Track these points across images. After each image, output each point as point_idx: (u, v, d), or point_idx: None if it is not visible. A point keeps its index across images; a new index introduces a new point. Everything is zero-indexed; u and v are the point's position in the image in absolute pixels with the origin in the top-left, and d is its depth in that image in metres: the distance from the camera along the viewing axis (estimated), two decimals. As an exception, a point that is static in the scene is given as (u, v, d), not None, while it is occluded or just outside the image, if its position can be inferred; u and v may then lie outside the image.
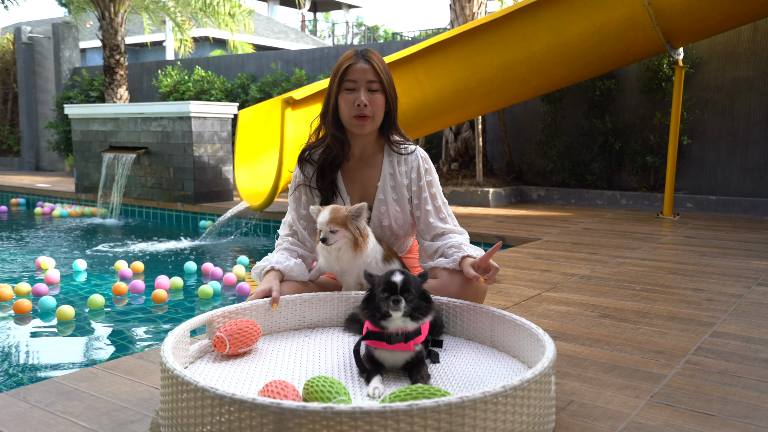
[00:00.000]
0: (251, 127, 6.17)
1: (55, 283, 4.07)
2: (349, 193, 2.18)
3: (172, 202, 6.90)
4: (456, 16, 7.00)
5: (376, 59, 2.09)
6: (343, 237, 1.97)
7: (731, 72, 6.22)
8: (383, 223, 2.15)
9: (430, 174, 2.15)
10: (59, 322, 3.30)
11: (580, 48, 5.16)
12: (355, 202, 2.17)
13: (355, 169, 2.19)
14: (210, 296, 3.76)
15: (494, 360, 1.82)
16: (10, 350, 2.92)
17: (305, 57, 9.25)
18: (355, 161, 2.19)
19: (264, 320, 1.99)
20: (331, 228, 1.95)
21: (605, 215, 5.81)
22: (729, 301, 2.80)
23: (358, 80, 2.07)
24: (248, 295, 2.22)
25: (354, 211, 1.97)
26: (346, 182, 2.19)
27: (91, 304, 3.51)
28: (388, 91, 2.10)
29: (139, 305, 3.68)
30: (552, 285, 3.10)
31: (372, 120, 2.09)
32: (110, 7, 9.84)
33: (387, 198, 2.14)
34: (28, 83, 12.51)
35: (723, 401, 1.71)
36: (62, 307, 3.32)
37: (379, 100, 2.08)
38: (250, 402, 1.22)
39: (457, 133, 7.19)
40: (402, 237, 2.20)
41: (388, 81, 2.11)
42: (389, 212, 2.14)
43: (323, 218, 1.97)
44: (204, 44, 19.26)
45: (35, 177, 10.46)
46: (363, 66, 2.07)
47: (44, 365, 2.73)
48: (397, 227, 2.15)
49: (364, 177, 2.18)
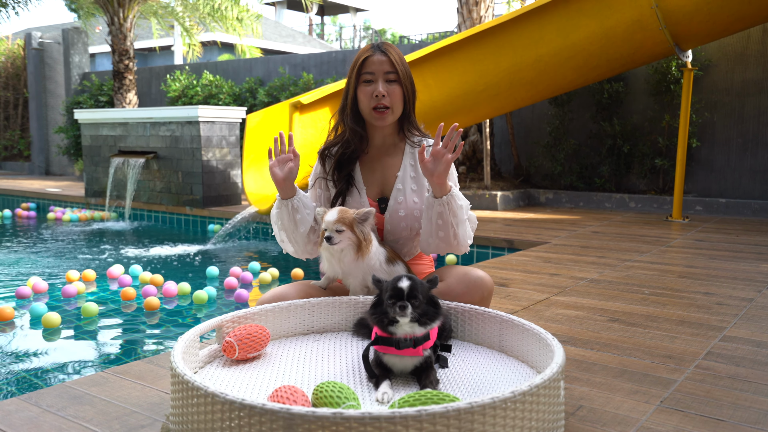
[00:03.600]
0: (259, 132, 6.20)
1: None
2: (366, 183, 2.18)
3: (181, 206, 6.93)
4: (463, 19, 7.01)
5: (393, 51, 2.11)
6: (348, 239, 1.97)
7: (740, 74, 6.19)
8: (399, 214, 2.13)
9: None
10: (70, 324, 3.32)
11: (588, 51, 5.15)
12: (373, 191, 2.18)
13: (375, 159, 2.20)
14: (205, 301, 3.76)
15: (503, 365, 1.81)
16: (23, 355, 2.94)
17: (313, 61, 9.28)
18: (375, 152, 2.20)
19: (273, 325, 2.00)
20: (337, 227, 1.95)
21: (614, 218, 5.79)
22: (739, 305, 2.79)
23: (375, 72, 2.09)
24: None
25: (362, 214, 1.97)
26: (364, 172, 2.20)
27: (85, 312, 3.46)
28: (404, 83, 2.11)
29: (150, 310, 3.69)
30: (560, 289, 3.09)
31: (392, 111, 2.11)
32: (119, 13, 9.92)
33: (405, 188, 2.14)
34: (38, 88, 12.61)
35: (733, 406, 1.70)
36: (48, 314, 3.29)
37: (396, 91, 2.10)
38: (259, 407, 1.22)
39: (464, 136, 7.19)
40: (416, 232, 2.17)
41: (405, 73, 2.11)
42: (406, 202, 2.13)
43: (331, 217, 1.96)
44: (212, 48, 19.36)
45: (45, 181, 10.54)
46: (380, 58, 2.09)
47: (56, 370, 2.74)
48: (412, 219, 2.13)
49: (385, 167, 2.19)
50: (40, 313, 3.43)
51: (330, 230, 1.96)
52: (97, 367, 2.80)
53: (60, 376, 2.66)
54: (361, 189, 2.17)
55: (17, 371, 2.71)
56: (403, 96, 2.12)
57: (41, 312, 3.43)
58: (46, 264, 4.99)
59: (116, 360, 2.89)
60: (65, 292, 3.87)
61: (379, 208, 2.17)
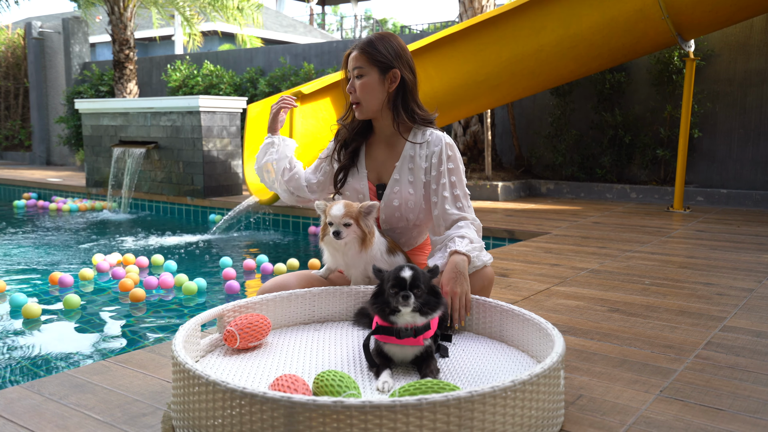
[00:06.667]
0: (260, 122, 6.18)
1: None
2: (367, 167, 2.22)
3: (182, 196, 6.93)
4: (465, 9, 6.98)
5: (372, 44, 2.09)
6: (354, 233, 1.97)
7: (743, 64, 6.17)
8: (393, 204, 2.15)
9: (452, 162, 2.11)
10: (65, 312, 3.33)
11: (590, 41, 5.12)
12: (372, 177, 2.20)
13: (378, 146, 2.22)
14: (194, 293, 3.75)
15: (503, 354, 1.82)
16: (25, 343, 2.96)
17: (314, 51, 9.24)
18: (379, 138, 2.22)
19: (274, 314, 2.00)
20: (345, 221, 1.96)
21: (615, 209, 5.79)
22: (740, 295, 2.79)
23: (350, 69, 2.15)
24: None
25: (366, 207, 1.98)
26: (367, 156, 2.23)
27: (67, 304, 3.42)
28: (380, 69, 2.08)
29: (150, 300, 3.70)
30: (561, 279, 3.10)
31: (361, 105, 2.13)
32: (119, 2, 9.87)
33: (402, 179, 2.14)
34: (38, 78, 12.58)
35: (733, 396, 1.70)
36: (28, 304, 3.27)
37: (363, 83, 2.10)
38: (260, 396, 1.23)
39: (465, 126, 7.17)
40: (411, 224, 2.18)
41: (383, 60, 2.08)
42: (401, 193, 2.14)
43: (337, 211, 1.96)
44: (213, 38, 19.28)
45: (46, 171, 10.54)
46: (354, 54, 2.12)
47: (58, 358, 2.76)
48: (406, 209, 2.14)
49: (386, 155, 2.20)
50: (20, 302, 3.39)
51: (337, 225, 1.96)
52: (98, 355, 2.81)
53: (62, 365, 2.67)
54: (362, 171, 2.21)
55: (19, 359, 2.72)
56: (381, 86, 2.09)
57: (20, 302, 3.39)
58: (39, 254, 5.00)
59: (118, 349, 2.91)
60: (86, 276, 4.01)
61: (377, 194, 2.19)
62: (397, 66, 2.09)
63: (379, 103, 2.12)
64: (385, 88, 2.10)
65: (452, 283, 1.89)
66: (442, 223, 2.10)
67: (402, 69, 2.10)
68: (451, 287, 1.89)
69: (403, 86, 2.11)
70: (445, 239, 2.06)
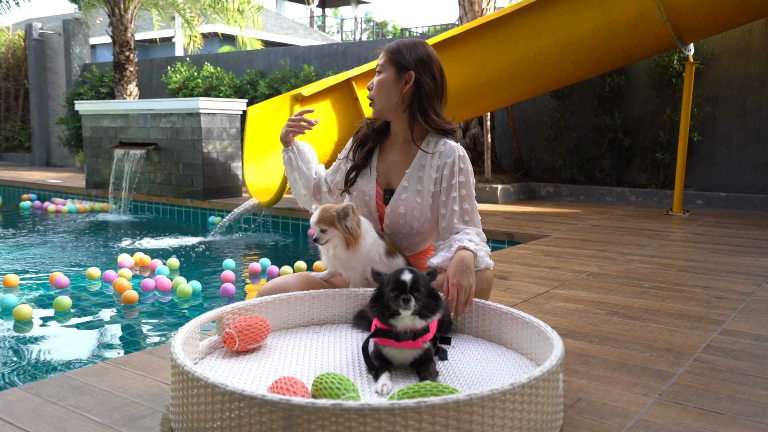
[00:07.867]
0: (260, 124, 6.19)
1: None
2: (378, 170, 2.22)
3: (182, 198, 6.93)
4: (465, 12, 6.98)
5: (395, 44, 2.14)
6: (335, 236, 2.00)
7: (742, 68, 6.17)
8: (399, 210, 2.15)
9: (464, 174, 2.10)
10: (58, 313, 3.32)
11: (590, 44, 5.13)
12: (381, 181, 2.21)
13: (392, 150, 2.23)
14: (189, 295, 3.75)
15: (502, 357, 1.82)
16: (24, 345, 2.95)
17: (314, 53, 9.25)
18: (394, 143, 2.23)
19: (273, 317, 2.00)
20: (320, 227, 2.00)
21: (614, 212, 5.79)
22: (739, 298, 2.79)
23: (376, 67, 2.19)
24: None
25: (340, 210, 1.99)
26: (380, 159, 2.24)
27: (57, 305, 3.39)
28: (398, 69, 2.10)
29: (148, 301, 3.70)
30: (560, 282, 3.10)
31: (375, 102, 2.15)
32: (120, 4, 9.88)
33: (410, 186, 2.14)
34: (38, 79, 12.59)
35: (732, 399, 1.70)
36: (20, 307, 3.26)
37: (378, 80, 2.13)
38: (259, 398, 1.23)
39: (465, 129, 7.18)
40: (416, 231, 2.18)
41: (401, 61, 2.09)
42: (408, 200, 2.14)
43: (313, 218, 2.02)
44: (213, 40, 19.30)
45: (46, 173, 10.54)
46: (381, 53, 2.16)
47: (57, 360, 2.75)
48: (411, 217, 2.14)
49: (397, 160, 2.20)
50: (10, 304, 3.38)
51: (316, 231, 2.03)
52: (97, 357, 2.80)
53: (61, 367, 2.66)
54: (373, 173, 2.22)
55: (17, 361, 2.71)
56: (395, 86, 2.10)
57: (11, 304, 3.38)
58: (37, 255, 5.00)
59: (117, 350, 2.90)
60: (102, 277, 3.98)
61: (383, 198, 2.19)
62: (415, 69, 2.09)
63: (391, 103, 2.12)
64: (399, 89, 2.10)
65: (458, 276, 1.90)
66: (447, 236, 2.12)
67: (421, 74, 2.09)
68: (458, 279, 1.89)
69: (419, 91, 2.10)
70: (450, 240, 2.08)
